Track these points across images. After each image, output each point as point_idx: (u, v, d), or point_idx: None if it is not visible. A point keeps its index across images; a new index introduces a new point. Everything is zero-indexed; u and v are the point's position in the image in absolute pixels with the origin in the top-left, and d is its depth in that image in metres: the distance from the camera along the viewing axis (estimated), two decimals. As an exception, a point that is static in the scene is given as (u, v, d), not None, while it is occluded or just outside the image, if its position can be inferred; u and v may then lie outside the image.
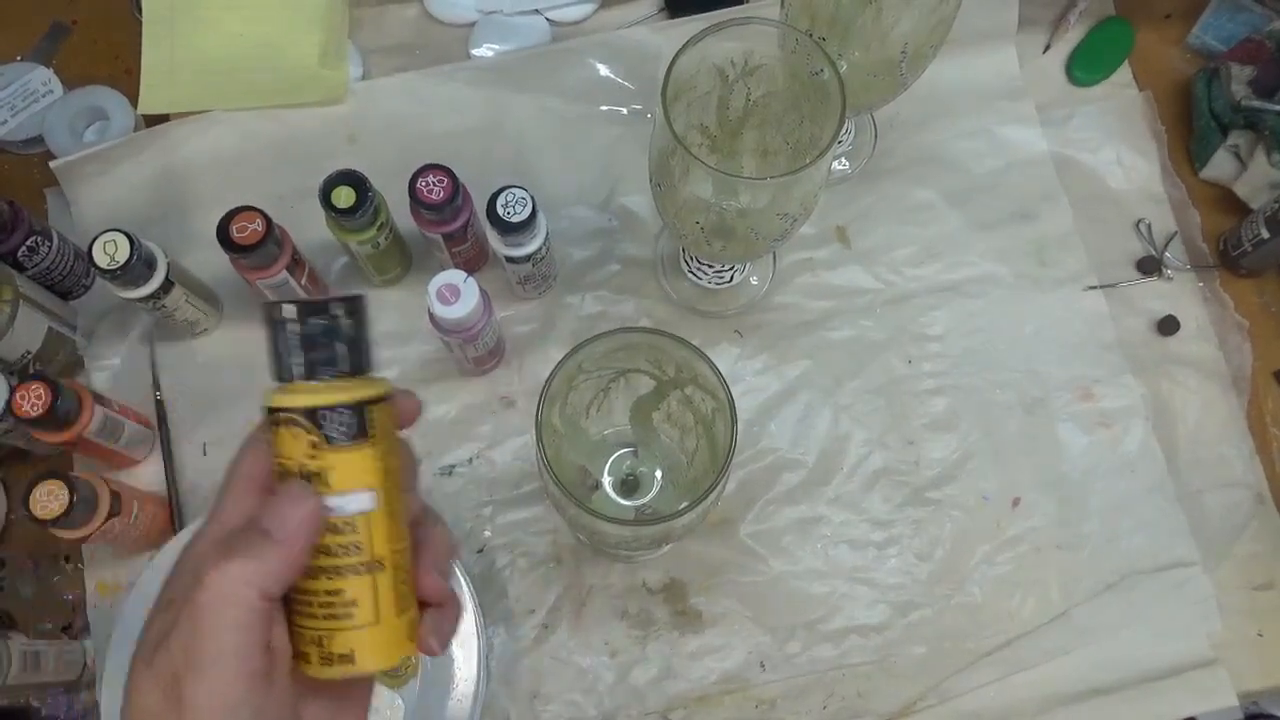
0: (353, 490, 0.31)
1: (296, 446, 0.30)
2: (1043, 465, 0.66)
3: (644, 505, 0.59)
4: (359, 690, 0.34)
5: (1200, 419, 0.67)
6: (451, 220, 0.61)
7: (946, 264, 0.70)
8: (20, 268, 0.63)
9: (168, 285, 0.60)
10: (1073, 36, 0.76)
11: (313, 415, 0.30)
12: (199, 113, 0.70)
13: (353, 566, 0.31)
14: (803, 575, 0.63)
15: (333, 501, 0.30)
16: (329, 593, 0.31)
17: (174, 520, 0.63)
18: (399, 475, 0.32)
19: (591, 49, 0.73)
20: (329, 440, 0.30)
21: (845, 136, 0.73)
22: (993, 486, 0.65)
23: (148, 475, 0.65)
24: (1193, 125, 0.73)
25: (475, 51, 0.74)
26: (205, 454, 0.65)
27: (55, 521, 0.54)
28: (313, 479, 0.30)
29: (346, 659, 0.31)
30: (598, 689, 0.61)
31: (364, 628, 0.31)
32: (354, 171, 0.59)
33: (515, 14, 0.75)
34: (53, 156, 0.69)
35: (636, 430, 0.58)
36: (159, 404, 0.66)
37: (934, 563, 0.64)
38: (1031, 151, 0.73)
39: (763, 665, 0.62)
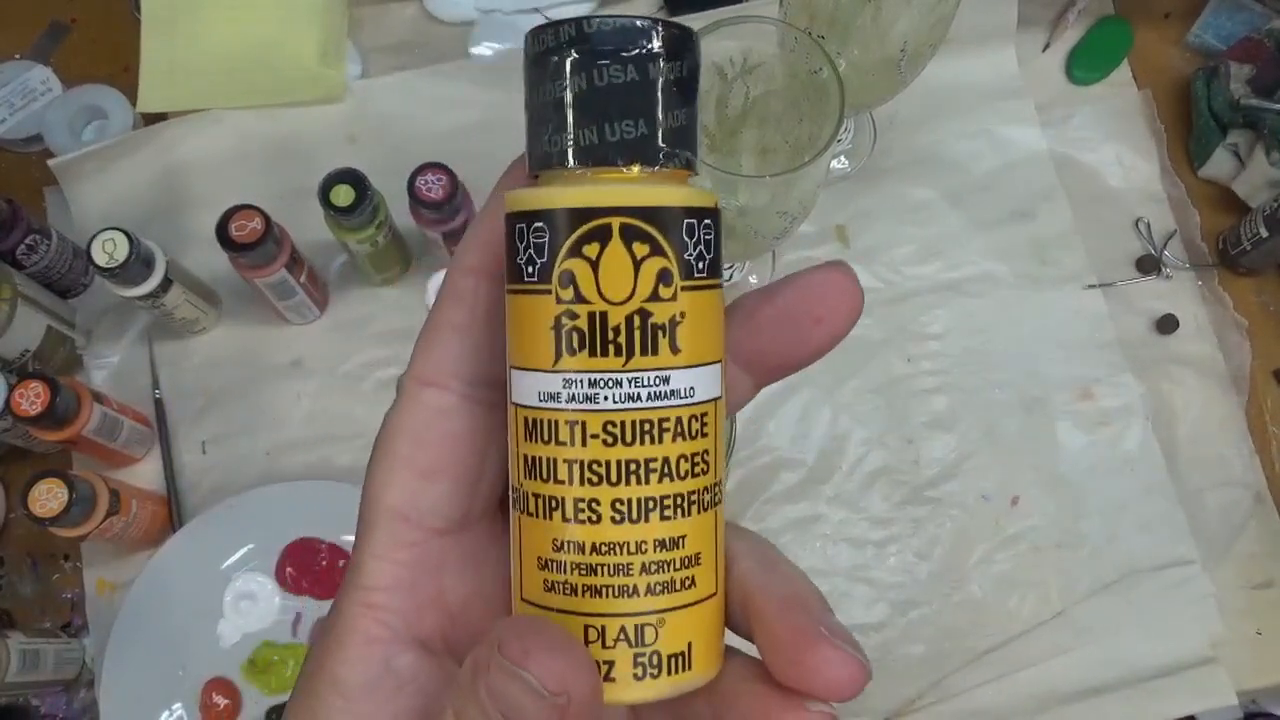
0: (706, 362, 0.19)
1: (628, 278, 0.18)
2: (1042, 464, 0.66)
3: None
4: None
5: (1199, 418, 0.67)
6: (451, 219, 0.61)
7: (946, 263, 0.70)
8: (19, 266, 0.63)
9: (166, 284, 0.60)
10: (1072, 35, 0.76)
11: (672, 223, 0.18)
12: (198, 111, 0.70)
13: (698, 494, 0.19)
14: (802, 574, 0.63)
15: (682, 380, 0.18)
16: (664, 542, 0.19)
17: (173, 518, 0.63)
18: None
19: (591, 48, 0.73)
20: (690, 271, 0.18)
21: (844, 135, 0.73)
22: (992, 485, 0.65)
23: (147, 474, 0.65)
24: (1192, 124, 0.73)
25: (475, 50, 0.74)
26: (204, 452, 0.65)
27: (54, 520, 0.54)
28: (650, 336, 0.18)
29: (680, 660, 0.19)
30: (597, 688, 0.61)
31: (707, 601, 0.19)
32: (353, 170, 0.59)
33: (515, 13, 0.75)
34: (51, 155, 0.69)
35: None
36: (158, 402, 0.66)
37: (933, 561, 0.64)
38: (1031, 150, 0.73)
39: (762, 664, 0.62)
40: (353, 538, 0.22)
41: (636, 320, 0.18)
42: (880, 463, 0.65)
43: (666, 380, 0.18)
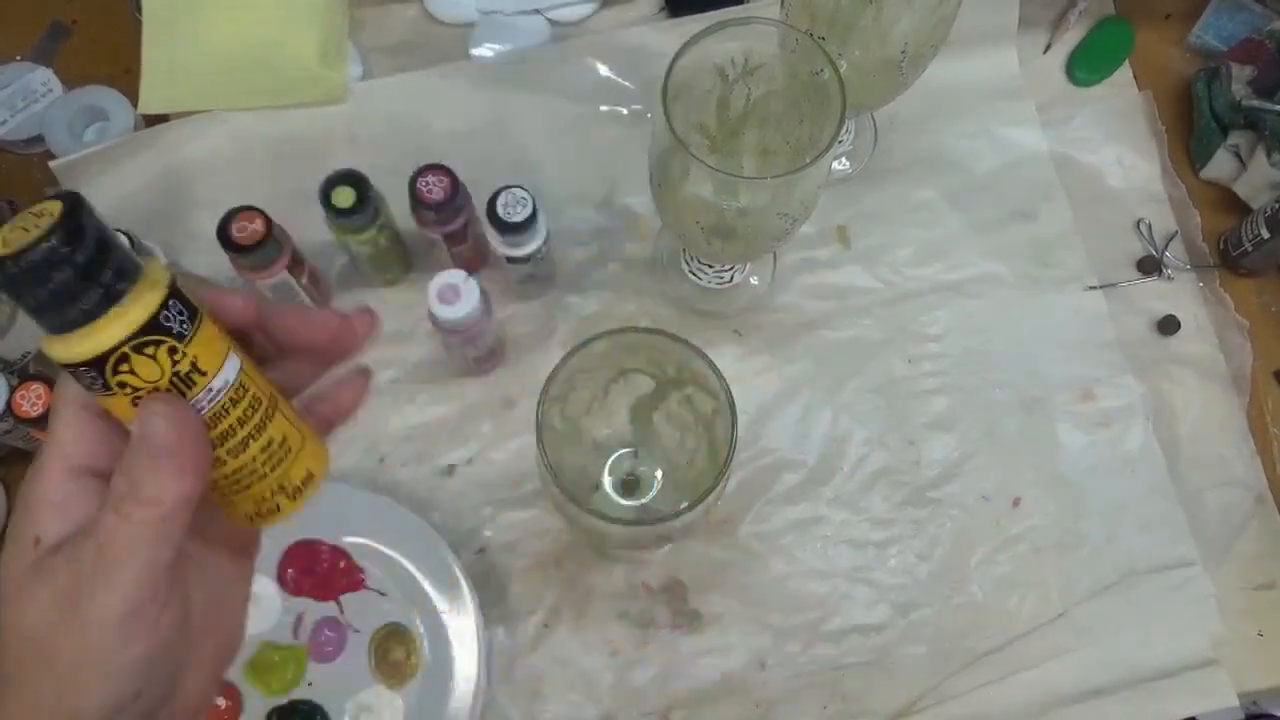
0: (222, 362, 0.30)
1: (156, 364, 0.28)
2: (1042, 465, 0.66)
3: (644, 505, 0.59)
4: (252, 545, 0.35)
5: (1200, 419, 0.67)
6: (451, 220, 0.61)
7: (947, 264, 0.70)
8: (20, 267, 0.63)
9: (168, 285, 0.60)
10: (1073, 36, 0.76)
11: (155, 325, 0.28)
12: (199, 113, 0.70)
13: (265, 414, 0.31)
14: (802, 575, 0.63)
15: (217, 382, 0.29)
16: (265, 447, 0.31)
17: (174, 520, 0.63)
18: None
19: (592, 49, 0.73)
20: (181, 336, 0.28)
21: (845, 136, 0.73)
22: (992, 486, 0.65)
23: (148, 475, 0.65)
24: (1193, 125, 0.73)
25: (475, 51, 0.74)
26: (205, 454, 0.65)
27: (55, 521, 0.54)
28: (187, 379, 0.29)
29: (310, 479, 0.34)
30: (598, 689, 0.61)
31: (304, 445, 0.33)
32: (354, 171, 0.59)
33: (515, 14, 0.75)
34: (53, 156, 0.69)
35: (636, 430, 0.57)
36: (159, 404, 0.66)
37: (934, 562, 0.64)
38: (1032, 151, 0.73)
39: (763, 665, 0.62)
40: (354, 539, 0.23)
41: (177, 379, 0.28)
42: (881, 463, 0.65)
43: (212, 388, 0.29)
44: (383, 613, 0.61)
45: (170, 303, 0.28)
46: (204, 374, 0.29)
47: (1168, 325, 0.69)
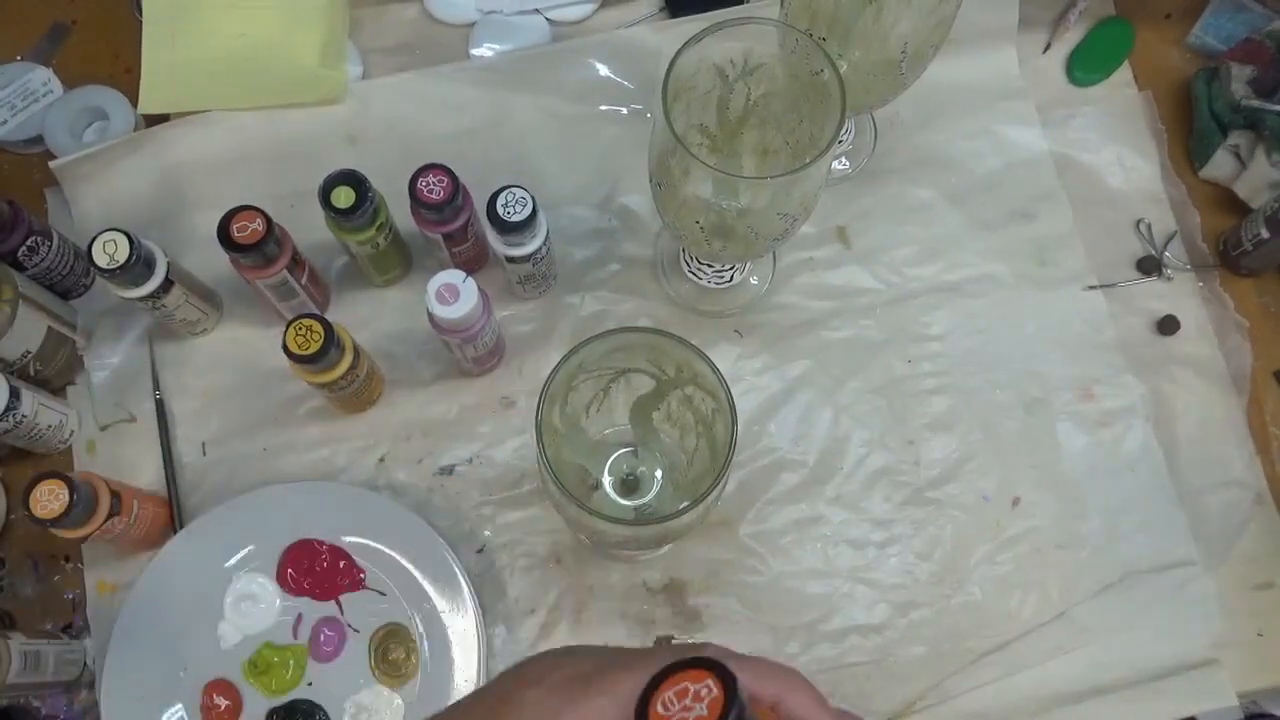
0: (365, 366, 0.63)
1: (347, 374, 0.60)
2: (1043, 465, 0.66)
3: (644, 505, 0.59)
4: None
5: (1200, 419, 0.67)
6: (451, 220, 0.61)
7: (946, 264, 0.70)
8: (20, 267, 0.63)
9: (167, 285, 0.60)
10: (1073, 36, 0.76)
11: (350, 368, 0.60)
12: (199, 112, 0.70)
13: (370, 377, 0.64)
14: (802, 575, 0.63)
15: (361, 373, 0.62)
16: (366, 387, 0.64)
17: (174, 520, 0.63)
18: None
19: (591, 49, 0.73)
20: (356, 363, 0.61)
21: (845, 136, 0.73)
22: (993, 486, 0.65)
23: (148, 475, 0.65)
24: (1193, 125, 0.73)
25: (475, 51, 0.74)
26: (205, 454, 0.65)
27: (55, 521, 0.54)
28: (354, 373, 0.61)
29: (378, 397, 0.67)
30: (597, 689, 0.61)
31: (378, 385, 0.66)
32: (354, 171, 0.59)
33: (515, 14, 0.75)
34: (52, 156, 0.69)
35: (636, 430, 0.57)
36: (158, 403, 0.66)
37: (934, 562, 0.64)
38: (1031, 151, 0.73)
39: (762, 665, 0.62)
40: (354, 539, 0.22)
41: (353, 373, 0.61)
42: (881, 464, 0.65)
43: (359, 375, 0.61)
44: (382, 612, 0.61)
45: (357, 357, 0.60)
46: (359, 372, 0.60)
47: (1167, 325, 0.69)
